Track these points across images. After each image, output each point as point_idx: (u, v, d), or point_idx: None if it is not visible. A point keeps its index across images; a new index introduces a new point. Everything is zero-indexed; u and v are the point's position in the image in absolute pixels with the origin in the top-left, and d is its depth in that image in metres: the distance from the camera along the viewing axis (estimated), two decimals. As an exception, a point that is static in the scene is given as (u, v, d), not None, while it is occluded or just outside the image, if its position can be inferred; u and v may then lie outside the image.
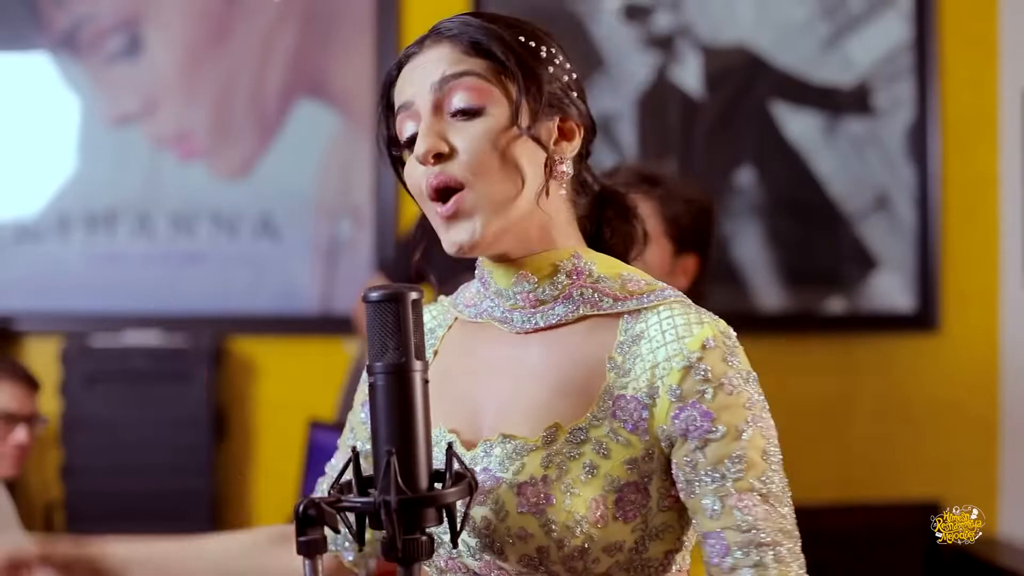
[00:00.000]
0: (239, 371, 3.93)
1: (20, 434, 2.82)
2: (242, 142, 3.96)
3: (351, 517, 1.15)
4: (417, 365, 1.16)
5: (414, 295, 1.16)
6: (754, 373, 1.34)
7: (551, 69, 1.38)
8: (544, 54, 1.39)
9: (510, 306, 1.39)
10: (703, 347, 1.31)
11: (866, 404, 4.09)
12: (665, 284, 1.40)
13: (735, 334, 1.35)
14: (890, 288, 4.10)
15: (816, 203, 4.09)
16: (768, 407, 1.34)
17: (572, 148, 1.40)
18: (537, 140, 1.36)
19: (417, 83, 1.36)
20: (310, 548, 1.07)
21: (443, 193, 1.33)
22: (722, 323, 1.35)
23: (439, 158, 1.33)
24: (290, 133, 3.97)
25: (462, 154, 1.33)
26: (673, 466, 1.32)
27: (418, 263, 1.48)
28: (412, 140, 1.37)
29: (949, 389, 4.11)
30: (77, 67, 3.94)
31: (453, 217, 1.33)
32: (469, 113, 1.34)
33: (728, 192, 4.05)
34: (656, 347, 1.33)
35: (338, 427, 3.18)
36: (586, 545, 1.28)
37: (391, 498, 1.09)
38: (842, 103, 4.10)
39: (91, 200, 3.93)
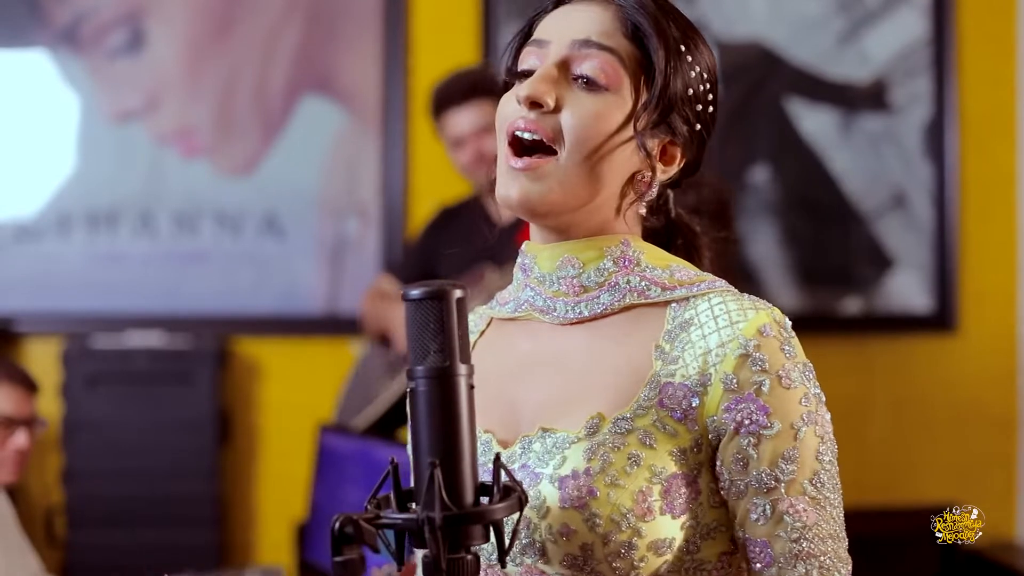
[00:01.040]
0: (243, 373, 3.88)
1: (20, 439, 2.75)
2: (246, 139, 3.91)
3: (391, 535, 1.07)
4: (462, 369, 1.08)
5: (458, 293, 1.08)
6: (810, 364, 1.28)
7: (689, 90, 1.32)
8: (691, 71, 1.32)
9: (552, 293, 1.32)
10: (760, 333, 1.25)
11: (882, 406, 4.03)
12: (715, 276, 1.33)
13: (790, 323, 1.28)
14: (907, 288, 4.04)
15: (831, 201, 4.03)
16: (824, 400, 1.27)
17: (665, 173, 1.35)
18: (644, 149, 1.30)
19: (563, 29, 1.31)
20: (347, 569, 0.98)
21: (522, 147, 1.29)
22: (777, 311, 1.28)
23: (536, 107, 1.28)
24: (295, 130, 3.92)
25: (567, 117, 1.28)
26: (717, 462, 1.26)
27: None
28: (526, 74, 1.32)
29: (967, 391, 4.05)
30: (77, 63, 3.89)
31: (520, 171, 1.28)
32: (592, 85, 1.28)
33: (742, 190, 3.98)
34: (708, 333, 1.26)
35: (347, 431, 3.13)
36: (633, 540, 1.21)
37: (435, 514, 1.00)
38: (858, 100, 4.04)
39: (92, 199, 3.88)
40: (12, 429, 2.73)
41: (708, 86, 1.34)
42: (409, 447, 1.41)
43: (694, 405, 1.25)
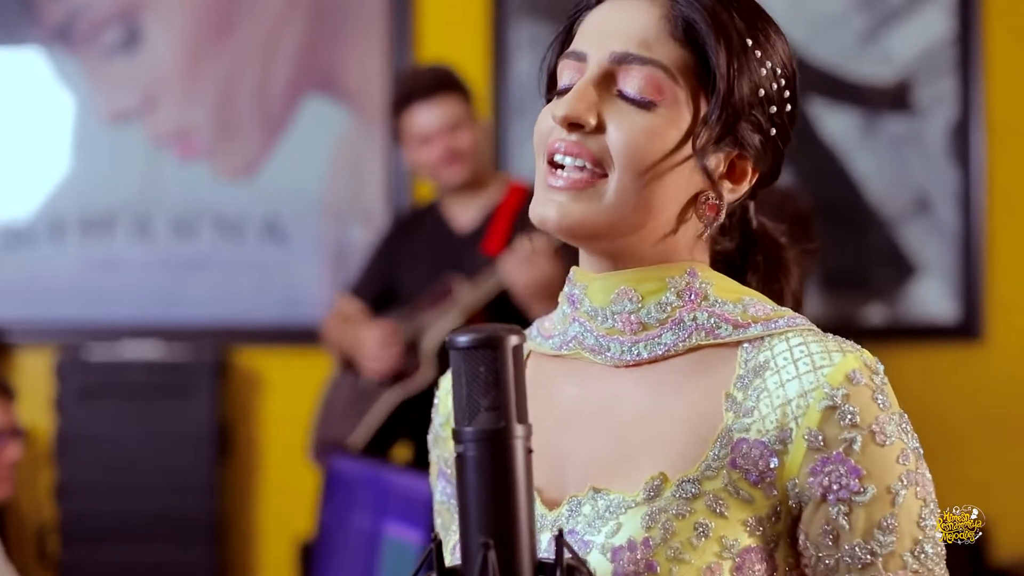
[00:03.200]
0: (243, 384, 3.82)
1: (14, 450, 2.64)
2: (247, 141, 3.85)
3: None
4: (519, 430, 0.92)
5: (514, 339, 0.92)
6: (905, 414, 1.12)
7: (760, 91, 1.15)
8: (762, 69, 1.16)
9: (606, 331, 1.15)
10: (848, 380, 1.08)
11: (906, 418, 3.91)
12: (794, 312, 1.17)
13: (883, 367, 1.12)
14: (931, 296, 3.94)
15: (853, 206, 3.93)
16: (923, 454, 1.12)
17: (734, 193, 1.18)
18: (706, 172, 1.14)
19: (601, 38, 1.15)
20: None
21: (564, 167, 1.13)
22: (867, 353, 1.12)
23: (575, 128, 1.12)
24: (297, 131, 3.85)
25: (613, 136, 1.12)
26: (801, 534, 1.09)
27: None
28: (566, 90, 1.16)
29: (993, 402, 3.94)
30: (72, 61, 3.84)
31: (559, 189, 1.13)
32: (637, 103, 1.12)
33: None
34: (787, 379, 1.10)
35: (354, 453, 3.01)
36: None
37: (489, 605, 0.86)
38: (881, 100, 3.93)
39: (87, 202, 3.82)
40: (3, 441, 2.62)
41: (784, 82, 1.17)
42: (436, 499, 1.26)
43: (772, 466, 1.09)
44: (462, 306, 2.99)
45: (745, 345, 1.14)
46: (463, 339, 0.91)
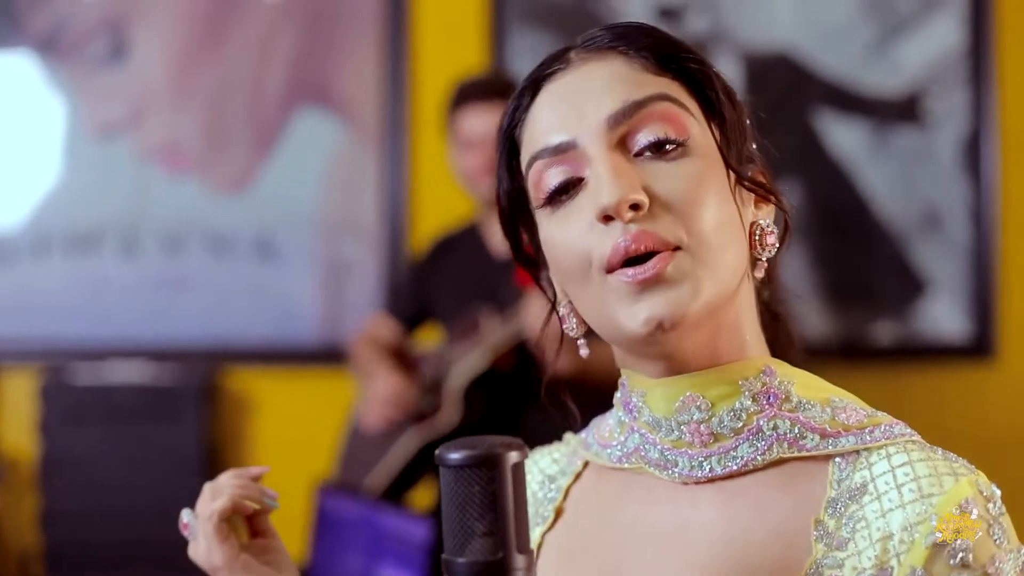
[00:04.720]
0: (234, 407, 3.75)
1: None
2: (238, 154, 3.78)
3: None
4: (519, 561, 0.81)
5: (514, 456, 0.81)
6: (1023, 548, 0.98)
7: (736, 104, 1.07)
8: (717, 76, 1.06)
9: (672, 443, 1.03)
10: (961, 512, 0.96)
11: (916, 439, 3.84)
12: (892, 417, 1.04)
13: (999, 492, 0.99)
14: (942, 313, 3.88)
15: (862, 220, 3.87)
16: None
17: (769, 213, 1.07)
18: (760, 187, 1.04)
19: (576, 116, 1.01)
20: None
21: (636, 259, 0.98)
22: (981, 476, 0.99)
23: (634, 210, 0.97)
24: (290, 144, 3.78)
25: (674, 202, 0.98)
26: None
27: None
28: (561, 190, 1.01)
29: (1007, 422, 3.89)
30: (57, 73, 3.76)
31: (652, 282, 0.97)
32: (669, 147, 1.00)
33: (766, 209, 3.80)
34: (889, 508, 0.97)
35: (347, 492, 2.90)
36: None
37: None
38: (890, 113, 3.87)
39: (72, 218, 3.75)
40: None
41: (739, 100, 1.09)
42: None
43: None
44: (488, 345, 2.82)
45: (837, 460, 1.01)
46: (455, 456, 0.79)
